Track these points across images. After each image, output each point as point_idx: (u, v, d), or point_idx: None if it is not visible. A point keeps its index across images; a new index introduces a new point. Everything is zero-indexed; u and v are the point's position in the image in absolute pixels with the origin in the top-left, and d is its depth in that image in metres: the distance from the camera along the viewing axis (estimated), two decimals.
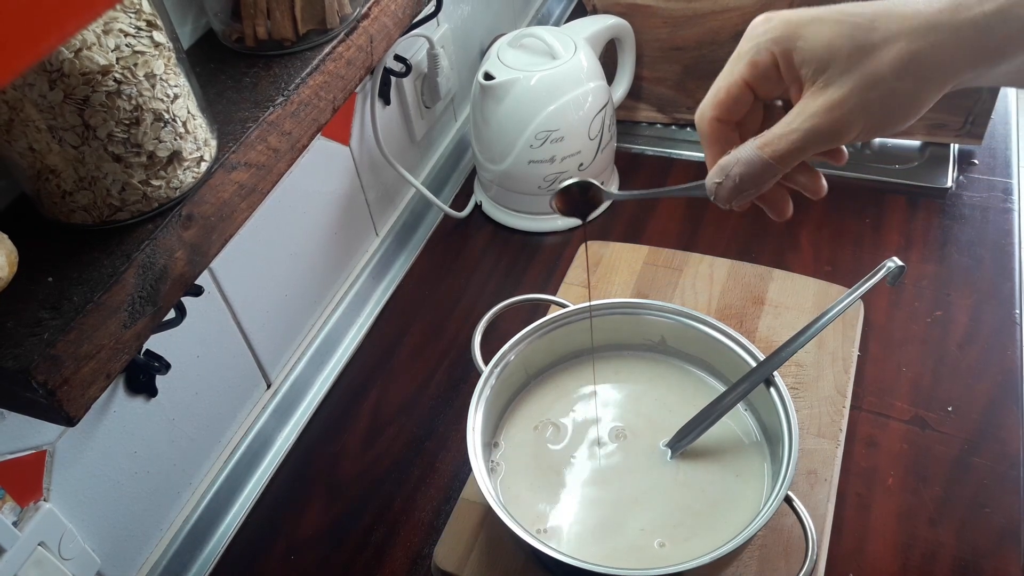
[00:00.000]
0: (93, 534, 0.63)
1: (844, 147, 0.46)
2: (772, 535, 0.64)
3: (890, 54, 0.40)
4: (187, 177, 0.52)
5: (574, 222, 0.97)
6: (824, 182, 0.47)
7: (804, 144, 0.42)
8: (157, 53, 0.49)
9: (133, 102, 0.48)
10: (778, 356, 0.62)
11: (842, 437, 0.71)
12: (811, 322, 0.62)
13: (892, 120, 0.42)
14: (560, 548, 0.58)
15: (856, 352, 0.77)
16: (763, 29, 0.43)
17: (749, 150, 0.43)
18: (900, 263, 0.59)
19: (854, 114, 0.41)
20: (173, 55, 0.51)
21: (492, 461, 0.67)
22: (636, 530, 0.62)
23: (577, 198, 0.54)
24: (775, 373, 0.63)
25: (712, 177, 0.46)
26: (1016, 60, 0.41)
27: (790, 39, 0.42)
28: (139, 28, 0.48)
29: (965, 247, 0.87)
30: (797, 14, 0.42)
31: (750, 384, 0.63)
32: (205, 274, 0.68)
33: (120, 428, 0.64)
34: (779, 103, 0.47)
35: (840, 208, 0.94)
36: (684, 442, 0.65)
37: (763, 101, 0.45)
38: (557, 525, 0.63)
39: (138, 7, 0.48)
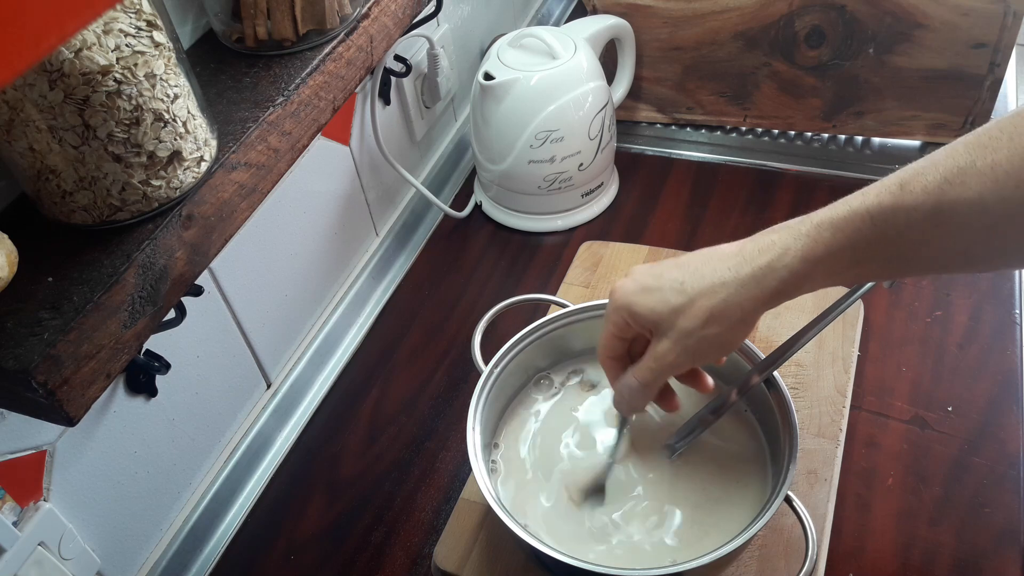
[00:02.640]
0: (93, 534, 0.63)
1: (707, 376, 0.61)
2: (772, 535, 0.64)
3: (695, 311, 0.52)
4: (187, 177, 0.52)
5: (574, 222, 0.98)
6: (708, 381, 0.61)
7: (656, 376, 0.56)
8: (157, 53, 0.49)
9: (133, 102, 0.48)
10: (778, 356, 0.62)
11: (842, 437, 0.71)
12: (810, 323, 0.62)
13: (711, 356, 0.55)
14: (559, 548, 0.58)
15: (856, 352, 0.78)
16: (615, 299, 0.56)
17: (627, 378, 0.58)
18: None
19: (680, 357, 0.54)
20: (173, 55, 0.51)
21: (492, 461, 0.67)
22: (636, 530, 0.62)
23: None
24: (775, 373, 0.63)
25: (613, 397, 0.61)
26: (799, 293, 0.51)
27: (630, 307, 0.55)
28: (139, 28, 0.48)
29: None
30: (637, 282, 0.55)
31: (750, 384, 0.62)
32: (205, 274, 0.68)
33: (120, 428, 0.64)
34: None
35: None
36: (684, 442, 0.65)
37: (641, 337, 0.57)
38: (557, 525, 0.63)
39: (138, 7, 0.48)
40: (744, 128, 1.06)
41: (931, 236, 0.46)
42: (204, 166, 0.54)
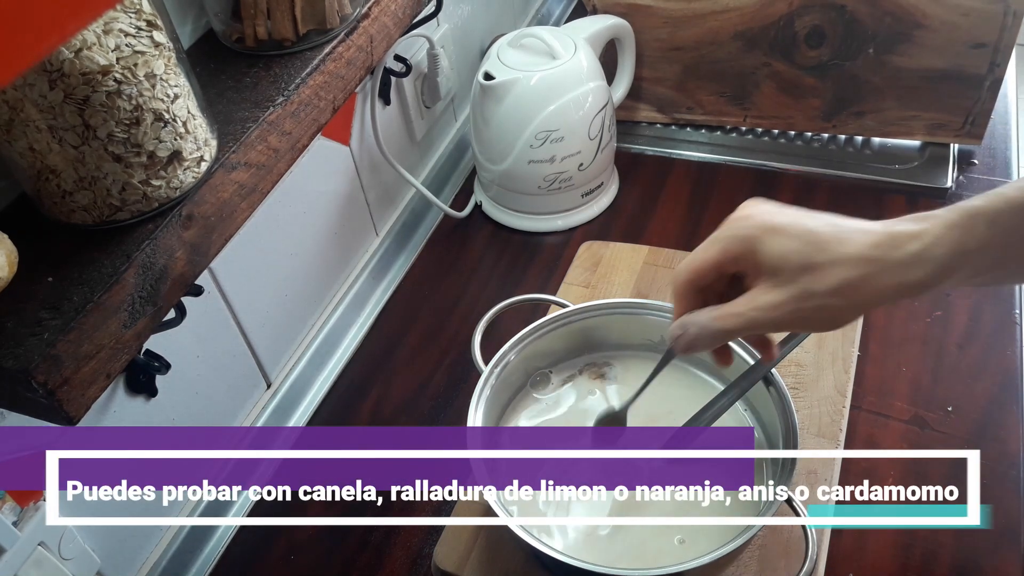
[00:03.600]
0: (93, 534, 0.63)
1: (774, 345, 0.57)
2: (772, 535, 0.64)
3: (829, 277, 0.47)
4: (187, 177, 0.52)
5: (574, 222, 0.98)
6: (775, 351, 0.57)
7: (745, 327, 0.50)
8: (157, 53, 0.49)
9: (133, 102, 0.48)
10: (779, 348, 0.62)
11: (842, 437, 0.71)
12: None
13: (819, 326, 0.50)
14: (559, 548, 0.58)
15: (856, 352, 0.77)
16: (740, 224, 0.50)
17: (706, 317, 0.51)
18: None
19: (789, 316, 0.48)
20: (173, 55, 0.51)
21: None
22: (635, 530, 0.62)
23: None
24: (773, 371, 0.62)
25: (674, 329, 0.53)
26: (934, 290, 0.48)
27: (757, 240, 0.49)
28: (139, 28, 0.48)
29: None
30: (770, 218, 0.49)
31: (748, 382, 0.62)
32: (205, 274, 0.68)
33: None
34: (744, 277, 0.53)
35: (840, 208, 0.92)
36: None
37: (728, 274, 0.52)
38: (556, 525, 0.63)
39: (138, 7, 0.48)
40: (744, 128, 1.06)
41: None
42: (204, 166, 0.54)
